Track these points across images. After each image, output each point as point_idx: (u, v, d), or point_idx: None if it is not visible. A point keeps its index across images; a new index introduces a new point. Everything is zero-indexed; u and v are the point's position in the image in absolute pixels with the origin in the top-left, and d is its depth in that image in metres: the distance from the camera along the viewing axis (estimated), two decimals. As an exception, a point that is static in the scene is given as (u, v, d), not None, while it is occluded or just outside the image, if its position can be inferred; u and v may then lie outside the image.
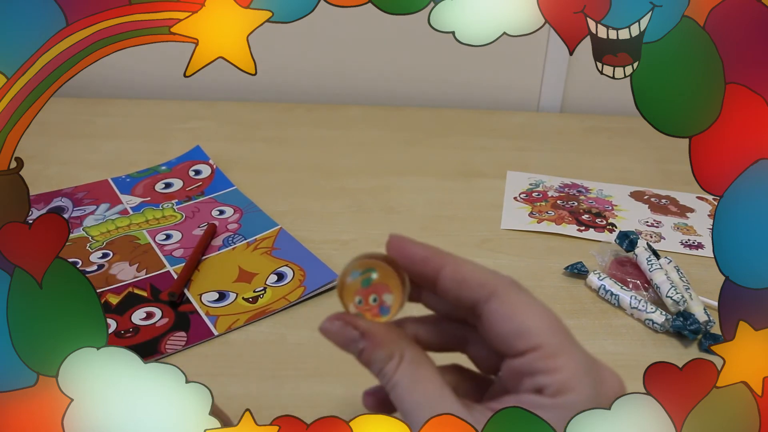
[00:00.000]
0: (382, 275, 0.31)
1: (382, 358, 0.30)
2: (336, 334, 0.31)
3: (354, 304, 0.31)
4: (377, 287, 0.31)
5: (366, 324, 0.30)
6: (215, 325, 0.52)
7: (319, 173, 0.76)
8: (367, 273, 0.31)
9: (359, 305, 0.31)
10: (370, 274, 0.31)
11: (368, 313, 0.31)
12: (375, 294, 0.31)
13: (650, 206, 0.71)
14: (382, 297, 0.31)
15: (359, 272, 0.31)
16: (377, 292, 0.31)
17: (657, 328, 0.53)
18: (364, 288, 0.31)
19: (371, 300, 0.31)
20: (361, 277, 0.31)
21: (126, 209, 0.67)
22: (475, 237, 0.65)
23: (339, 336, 0.31)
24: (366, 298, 0.31)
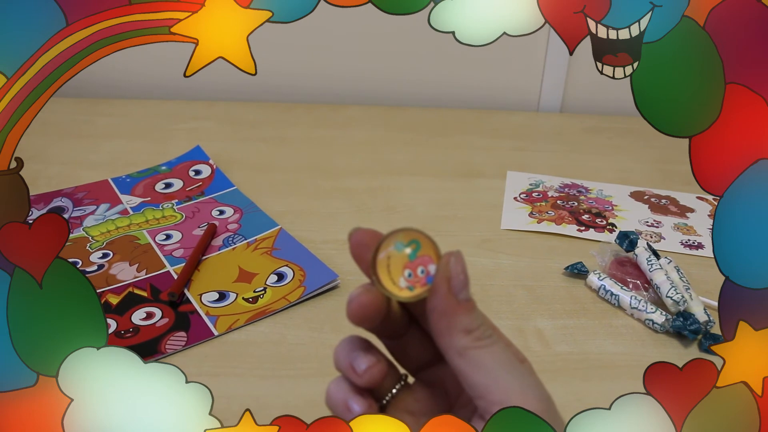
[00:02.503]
0: (426, 246, 0.31)
1: (480, 317, 0.31)
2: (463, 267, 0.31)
3: (404, 278, 0.31)
4: (423, 259, 0.31)
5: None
6: (215, 325, 0.52)
7: (318, 173, 0.76)
8: (413, 244, 0.31)
9: (409, 278, 0.31)
10: (416, 246, 0.31)
11: (418, 284, 0.31)
12: (422, 266, 0.31)
13: (650, 206, 0.71)
14: (428, 268, 0.31)
15: (403, 244, 0.31)
16: (423, 264, 0.31)
17: (657, 328, 0.53)
18: (411, 261, 0.31)
19: (419, 272, 0.31)
20: (408, 249, 0.31)
21: (126, 209, 0.67)
22: (475, 237, 0.65)
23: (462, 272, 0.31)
24: (415, 271, 0.31)
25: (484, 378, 0.30)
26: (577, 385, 0.48)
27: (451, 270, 0.31)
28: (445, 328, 0.31)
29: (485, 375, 0.30)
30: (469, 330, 0.31)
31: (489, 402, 0.30)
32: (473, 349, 0.30)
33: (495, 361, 0.30)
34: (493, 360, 0.30)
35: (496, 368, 0.30)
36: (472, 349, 0.30)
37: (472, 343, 0.30)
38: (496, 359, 0.30)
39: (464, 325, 0.31)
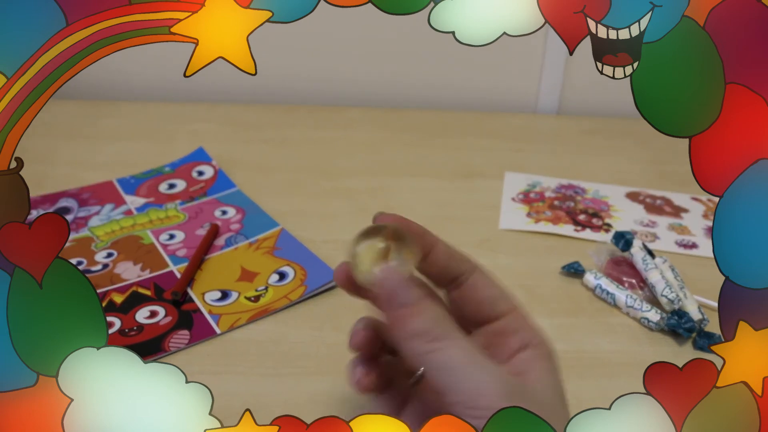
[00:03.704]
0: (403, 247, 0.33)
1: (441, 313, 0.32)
2: (396, 278, 0.32)
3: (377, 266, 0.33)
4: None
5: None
6: (218, 323, 0.52)
7: (319, 174, 0.76)
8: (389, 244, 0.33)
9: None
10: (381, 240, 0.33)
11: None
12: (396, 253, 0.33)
13: (645, 207, 0.71)
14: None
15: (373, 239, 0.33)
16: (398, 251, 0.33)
17: (652, 327, 0.53)
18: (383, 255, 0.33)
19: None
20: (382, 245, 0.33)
21: (130, 209, 0.67)
22: (473, 237, 0.65)
23: (402, 282, 0.32)
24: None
25: (448, 378, 0.30)
26: (574, 382, 0.48)
27: (380, 283, 0.31)
28: (400, 337, 0.31)
29: (448, 376, 0.30)
30: (419, 334, 0.30)
31: (460, 405, 0.29)
32: (430, 354, 0.30)
33: (455, 359, 0.30)
34: (452, 359, 0.30)
35: (457, 368, 0.30)
36: (429, 353, 0.30)
37: (428, 347, 0.30)
38: (457, 358, 0.30)
39: (413, 329, 0.31)
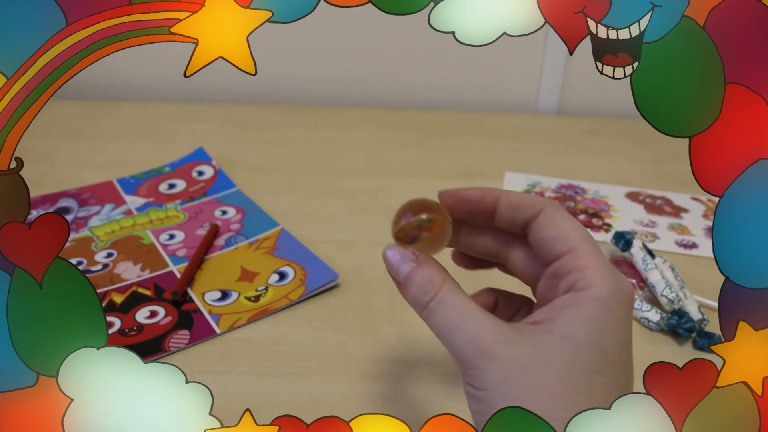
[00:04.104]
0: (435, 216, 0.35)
1: (427, 277, 0.33)
2: (395, 252, 0.35)
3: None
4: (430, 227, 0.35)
5: (417, 251, 0.35)
6: (218, 323, 0.52)
7: (319, 174, 0.76)
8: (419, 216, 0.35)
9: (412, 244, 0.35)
10: (421, 216, 0.35)
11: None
12: (427, 232, 0.35)
13: (645, 207, 0.71)
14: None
15: (411, 215, 0.35)
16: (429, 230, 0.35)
17: (652, 326, 0.53)
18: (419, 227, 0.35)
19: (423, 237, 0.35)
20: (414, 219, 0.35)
21: (130, 209, 0.68)
22: (475, 237, 0.65)
23: (397, 254, 0.35)
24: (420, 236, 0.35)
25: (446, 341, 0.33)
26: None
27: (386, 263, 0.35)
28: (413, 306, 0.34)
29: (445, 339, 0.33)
30: (413, 305, 0.34)
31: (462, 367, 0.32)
32: (426, 321, 0.33)
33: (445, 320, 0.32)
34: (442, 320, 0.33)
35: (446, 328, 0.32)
36: (426, 321, 0.33)
37: (423, 315, 0.33)
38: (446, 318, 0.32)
39: (410, 302, 0.34)
